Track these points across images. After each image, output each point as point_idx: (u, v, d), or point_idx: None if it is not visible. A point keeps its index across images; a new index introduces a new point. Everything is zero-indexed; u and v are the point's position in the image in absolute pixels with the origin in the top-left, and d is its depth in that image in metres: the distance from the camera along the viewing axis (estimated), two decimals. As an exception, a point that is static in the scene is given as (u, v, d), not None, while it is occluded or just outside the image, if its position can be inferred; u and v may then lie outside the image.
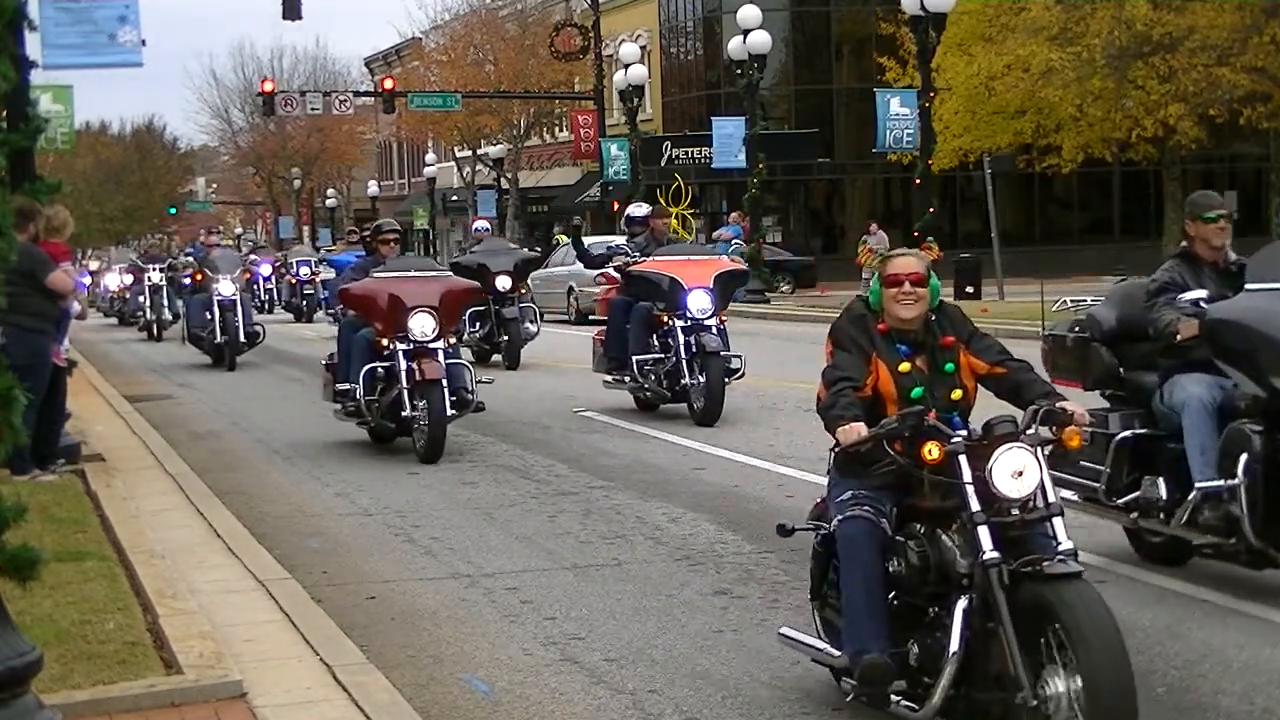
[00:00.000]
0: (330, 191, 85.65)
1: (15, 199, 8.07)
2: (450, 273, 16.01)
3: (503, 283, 22.29)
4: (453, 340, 14.12)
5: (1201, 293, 8.32)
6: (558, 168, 64.36)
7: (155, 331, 31.66)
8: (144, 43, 14.95)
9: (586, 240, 20.59)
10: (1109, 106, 34.95)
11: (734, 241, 38.66)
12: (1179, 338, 8.24)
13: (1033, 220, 55.51)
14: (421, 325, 13.30)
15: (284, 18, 45.76)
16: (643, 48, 52.72)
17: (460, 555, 9.60)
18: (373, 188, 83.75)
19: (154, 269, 32.10)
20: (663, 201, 45.61)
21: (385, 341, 13.50)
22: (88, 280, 45.28)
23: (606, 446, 14.02)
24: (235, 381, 21.33)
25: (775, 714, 6.35)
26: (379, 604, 8.43)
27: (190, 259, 27.15)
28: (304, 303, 37.93)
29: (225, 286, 23.25)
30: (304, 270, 38.62)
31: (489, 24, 62.30)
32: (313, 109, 54.41)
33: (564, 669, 7.08)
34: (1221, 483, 7.81)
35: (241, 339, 23.25)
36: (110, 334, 36.54)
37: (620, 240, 18.33)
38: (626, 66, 44.23)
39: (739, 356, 15.54)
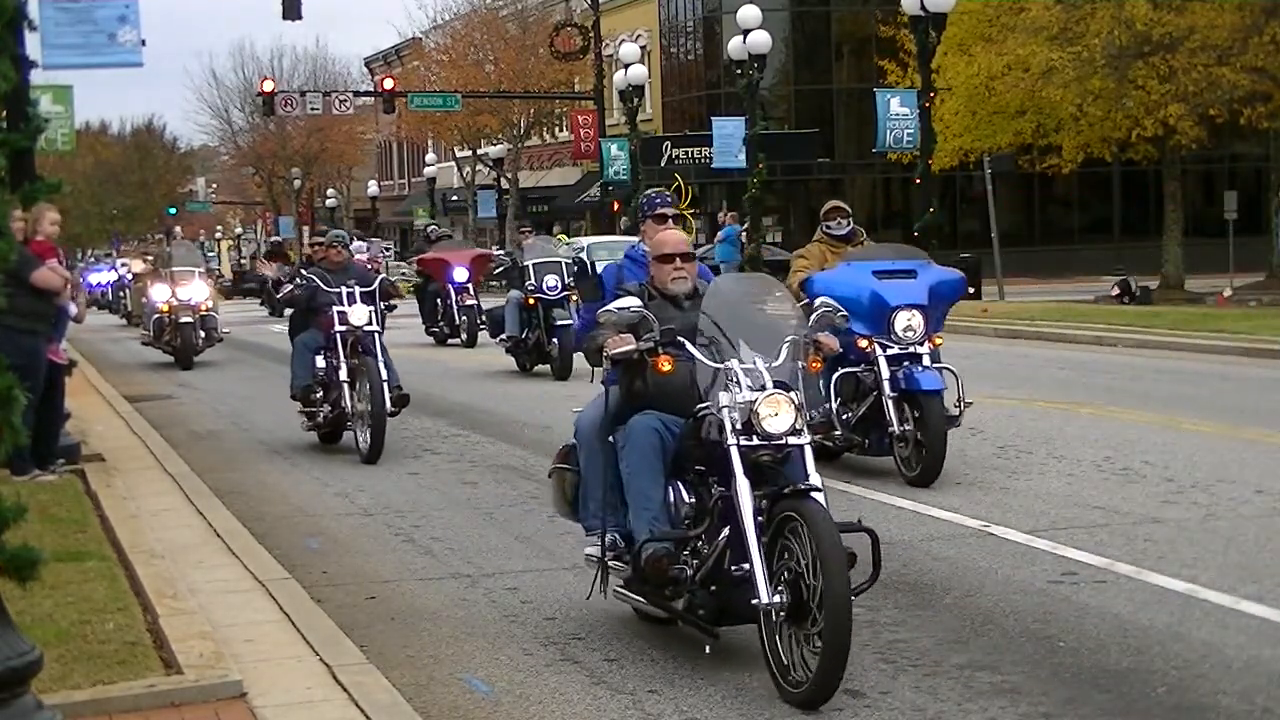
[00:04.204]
0: (330, 191, 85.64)
1: None
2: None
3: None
4: None
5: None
6: (558, 168, 64.39)
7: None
8: (144, 43, 14.93)
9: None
10: (1109, 106, 34.92)
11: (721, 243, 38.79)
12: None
13: (1033, 220, 55.58)
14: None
15: (284, 18, 45.74)
16: (643, 48, 52.72)
17: (460, 555, 9.60)
18: (373, 188, 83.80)
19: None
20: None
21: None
22: (97, 278, 44.99)
23: (606, 446, 13.98)
24: (235, 382, 21.19)
25: (775, 714, 6.35)
26: (379, 604, 8.43)
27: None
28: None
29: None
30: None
31: (489, 24, 62.33)
32: (312, 109, 54.37)
33: (564, 669, 7.08)
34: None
35: None
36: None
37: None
38: (626, 66, 44.19)
39: None
